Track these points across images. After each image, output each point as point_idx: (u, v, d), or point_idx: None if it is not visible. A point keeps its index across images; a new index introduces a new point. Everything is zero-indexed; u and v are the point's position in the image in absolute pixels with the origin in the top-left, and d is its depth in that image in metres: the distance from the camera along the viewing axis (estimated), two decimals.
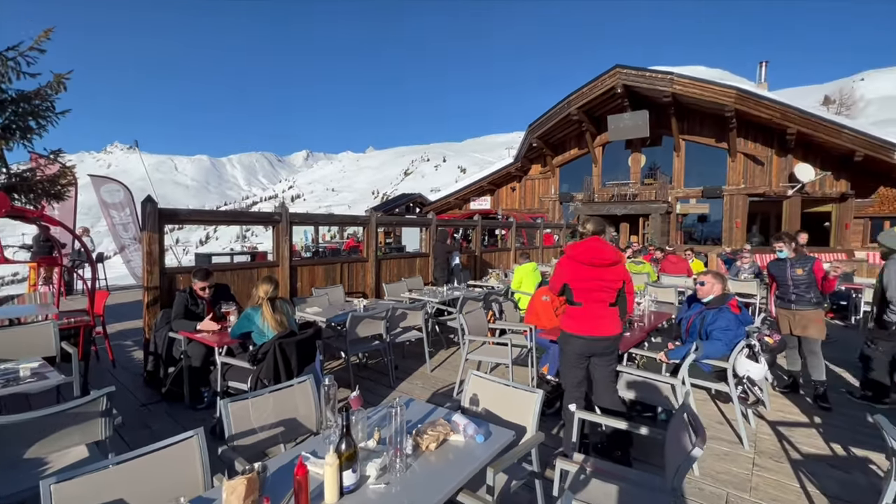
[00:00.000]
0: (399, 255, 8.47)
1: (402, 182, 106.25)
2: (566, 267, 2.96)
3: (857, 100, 52.49)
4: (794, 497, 2.71)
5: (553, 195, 20.91)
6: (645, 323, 4.46)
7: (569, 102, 17.34)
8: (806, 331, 4.16)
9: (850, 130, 13.55)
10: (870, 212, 15.09)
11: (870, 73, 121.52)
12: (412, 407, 2.34)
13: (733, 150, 16.13)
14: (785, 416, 3.88)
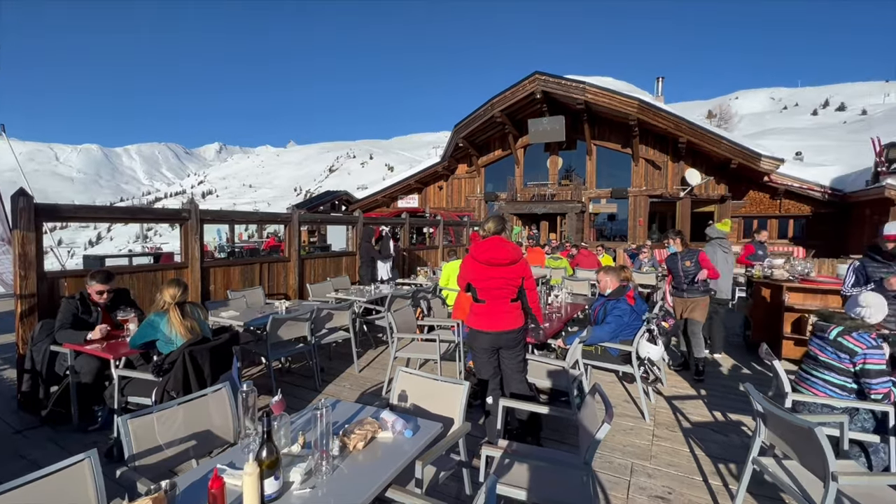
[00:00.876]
0: (324, 255, 8.18)
1: (326, 179, 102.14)
2: (469, 267, 3.06)
3: (733, 115, 60.83)
4: (685, 461, 3.09)
5: (479, 194, 21.52)
6: (562, 314, 4.79)
7: (492, 105, 17.94)
8: (692, 313, 4.75)
9: (728, 141, 15.66)
10: (742, 212, 17.58)
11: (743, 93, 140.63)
12: (339, 408, 2.29)
13: (636, 155, 17.84)
14: (678, 391, 4.40)
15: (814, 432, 1.91)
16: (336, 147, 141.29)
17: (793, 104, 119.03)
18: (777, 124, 71.64)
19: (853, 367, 2.62)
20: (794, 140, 34.84)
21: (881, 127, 34.51)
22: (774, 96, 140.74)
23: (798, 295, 5.15)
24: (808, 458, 2.04)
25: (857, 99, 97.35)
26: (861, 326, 2.66)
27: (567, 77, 16.66)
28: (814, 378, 2.81)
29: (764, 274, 5.61)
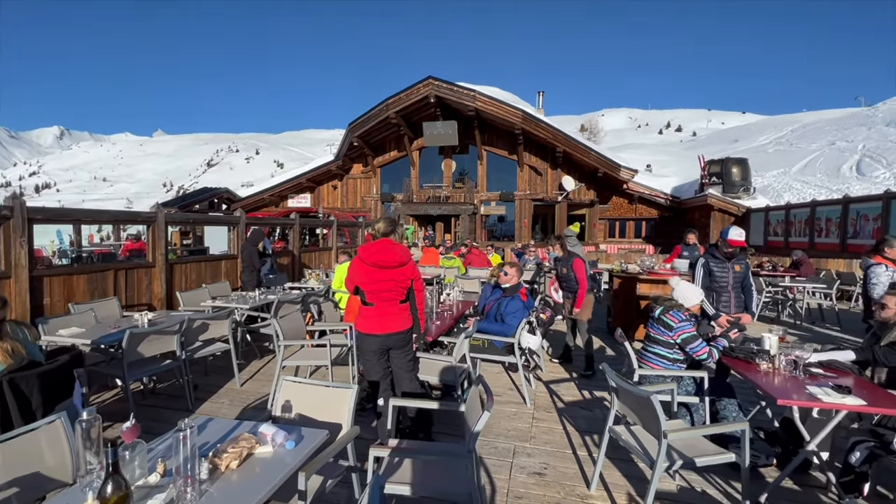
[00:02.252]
0: (199, 259, 7.34)
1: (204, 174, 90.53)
2: (357, 269, 3.03)
3: (600, 130, 69.41)
4: (559, 437, 3.46)
5: (375, 195, 21.30)
6: (453, 311, 5.00)
7: (387, 105, 17.90)
8: (579, 314, 4.95)
9: (596, 153, 17.84)
10: (608, 215, 20.19)
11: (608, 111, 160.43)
12: (211, 427, 2.09)
13: (521, 161, 19.35)
14: (555, 376, 4.90)
15: (650, 400, 2.28)
16: (216, 139, 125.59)
17: (645, 123, 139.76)
18: (633, 140, 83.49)
19: (673, 339, 3.22)
20: (646, 154, 40.96)
21: (706, 147, 42.40)
22: (632, 116, 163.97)
23: (646, 285, 6.10)
24: (647, 422, 2.44)
25: (690, 122, 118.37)
26: (675, 306, 3.30)
27: (459, 84, 17.36)
28: (650, 354, 3.37)
29: (621, 268, 6.52)
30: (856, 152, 24.43)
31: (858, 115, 34.30)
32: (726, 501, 2.65)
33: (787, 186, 21.58)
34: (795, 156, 28.07)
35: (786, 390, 2.62)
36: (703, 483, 2.83)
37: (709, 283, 4.10)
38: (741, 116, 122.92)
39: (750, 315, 4.00)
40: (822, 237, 11.69)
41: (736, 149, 34.28)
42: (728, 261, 4.04)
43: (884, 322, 2.95)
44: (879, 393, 2.61)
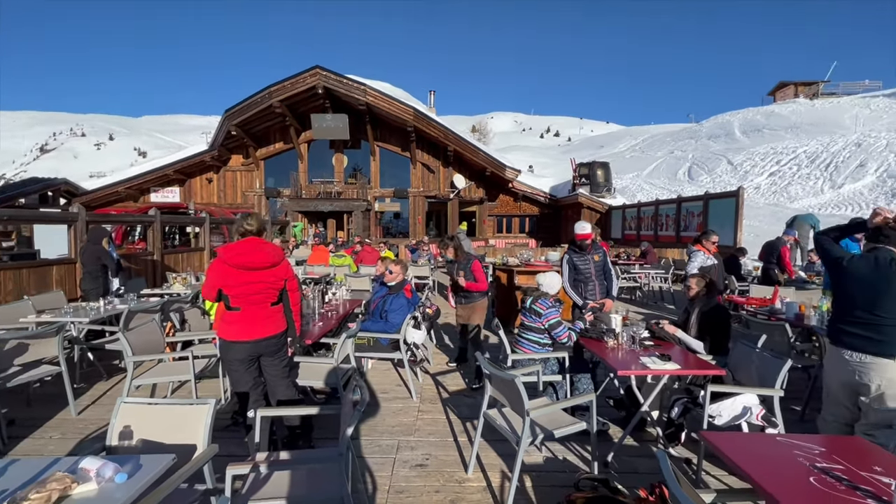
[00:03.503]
0: (18, 265, 6.00)
1: (36, 161, 73.43)
2: (219, 272, 2.73)
3: (489, 131, 73.53)
4: (442, 427, 3.57)
5: (258, 190, 19.69)
6: (339, 311, 4.85)
7: (270, 93, 16.63)
8: (470, 319, 4.79)
9: (484, 153, 18.81)
10: (496, 212, 21.48)
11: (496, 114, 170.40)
12: (13, 470, 1.71)
13: (414, 159, 19.54)
14: (442, 367, 5.04)
15: (514, 382, 2.47)
16: (54, 119, 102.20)
17: (529, 127, 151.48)
18: (519, 142, 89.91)
19: (542, 325, 3.55)
20: (529, 156, 44.40)
21: (578, 151, 47.56)
22: (517, 120, 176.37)
23: (524, 276, 6.61)
24: (514, 403, 2.64)
25: (566, 129, 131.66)
26: (542, 295, 3.65)
27: (349, 77, 16.86)
28: (524, 340, 3.66)
29: (503, 262, 6.99)
30: (687, 160, 29.58)
31: (689, 130, 41.59)
32: (582, 464, 3.00)
33: (639, 188, 25.24)
34: (645, 162, 32.99)
35: (625, 362, 3.05)
36: (565, 451, 3.17)
37: (575, 275, 4.52)
38: (606, 125, 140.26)
39: (611, 299, 4.55)
40: (664, 230, 13.95)
41: (601, 154, 39.03)
42: (587, 253, 4.52)
43: (691, 299, 3.62)
44: (691, 358, 3.19)
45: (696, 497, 1.53)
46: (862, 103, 31.75)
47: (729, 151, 28.35)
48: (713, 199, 11.72)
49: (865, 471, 1.66)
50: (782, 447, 1.83)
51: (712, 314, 3.48)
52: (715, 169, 26.23)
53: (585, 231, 4.41)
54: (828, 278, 4.60)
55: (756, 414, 2.74)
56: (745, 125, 33.86)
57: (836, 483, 1.58)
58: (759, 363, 3.08)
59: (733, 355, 3.35)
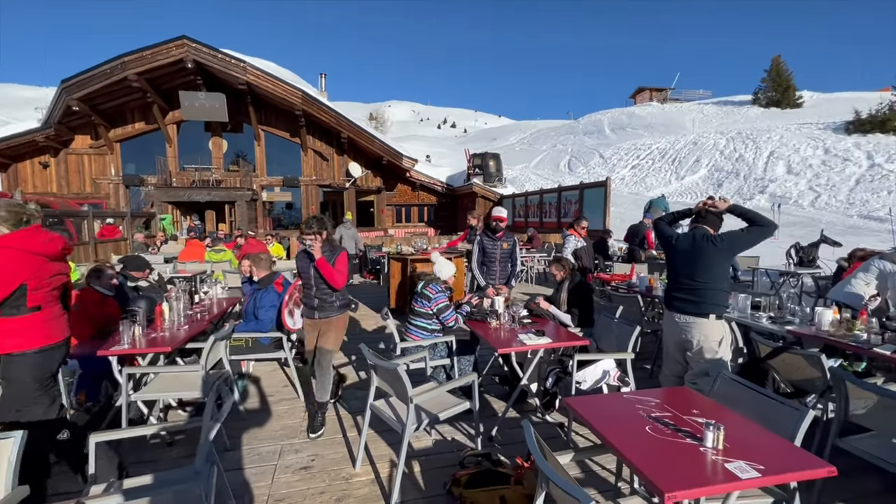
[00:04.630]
0: None
1: None
2: (21, 264, 2.19)
3: (387, 120, 72.52)
4: (331, 424, 3.42)
5: (114, 176, 16.84)
6: (215, 310, 4.36)
7: (124, 63, 14.20)
8: (323, 339, 3.31)
9: (379, 141, 18.45)
10: (394, 201, 21.32)
11: (394, 102, 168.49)
12: None
13: (305, 145, 18.41)
14: (335, 361, 4.83)
15: (397, 371, 2.45)
16: None
17: (426, 118, 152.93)
18: (417, 132, 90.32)
19: (431, 309, 3.60)
20: (426, 146, 44.85)
21: (474, 142, 49.40)
22: (415, 109, 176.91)
23: (420, 265, 6.65)
24: (399, 392, 2.62)
25: (462, 120, 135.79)
26: (433, 280, 3.70)
27: (225, 51, 15.13)
28: (413, 326, 3.67)
29: (397, 251, 6.94)
30: (567, 153, 32.62)
31: (568, 126, 45.83)
32: (470, 442, 3.12)
33: (527, 178, 27.14)
34: (533, 154, 35.56)
35: (506, 341, 3.23)
36: (454, 431, 3.26)
37: (482, 257, 4.79)
38: (499, 119, 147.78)
39: (508, 287, 4.80)
40: (548, 217, 15.20)
41: (494, 146, 41.06)
42: (498, 239, 4.75)
43: (559, 282, 3.99)
44: (562, 332, 3.50)
45: (554, 460, 1.66)
46: (697, 109, 38.06)
47: (600, 146, 31.89)
48: (587, 189, 13.06)
49: (687, 415, 1.96)
50: (627, 403, 2.08)
51: (578, 291, 3.86)
52: (589, 161, 29.32)
53: (501, 214, 4.75)
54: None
55: (613, 376, 3.10)
56: (613, 123, 38.36)
57: (664, 429, 1.84)
58: (617, 331, 3.50)
59: (597, 326, 3.76)
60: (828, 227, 12.21)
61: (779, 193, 18.41)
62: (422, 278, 3.85)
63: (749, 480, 1.52)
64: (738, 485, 1.52)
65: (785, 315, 3.60)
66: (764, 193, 18.87)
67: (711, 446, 1.68)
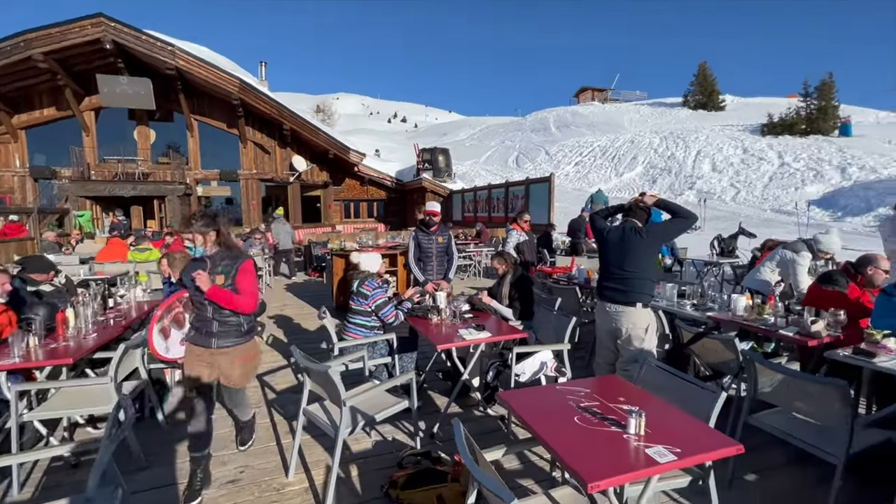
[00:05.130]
0: None
1: None
2: None
3: (335, 112, 70.42)
4: (265, 432, 3.23)
5: (19, 168, 15.04)
6: (133, 314, 3.98)
7: (28, 41, 12.68)
8: (227, 378, 2.55)
9: (325, 134, 17.85)
10: (342, 196, 20.77)
11: (342, 95, 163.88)
12: None
13: (244, 137, 17.41)
14: (272, 364, 4.59)
15: (328, 373, 2.33)
16: None
17: (376, 111, 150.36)
18: (366, 126, 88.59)
19: (370, 306, 3.50)
20: (376, 140, 44.11)
21: (424, 137, 49.20)
22: (364, 103, 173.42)
23: None
24: (332, 394, 2.50)
25: (413, 115, 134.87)
26: (369, 277, 3.59)
27: (149, 33, 13.93)
28: (352, 325, 3.55)
29: (340, 247, 6.72)
30: (515, 150, 33.33)
31: (516, 123, 46.84)
32: (410, 440, 3.06)
33: (477, 173, 27.42)
34: (482, 150, 35.99)
35: (447, 336, 3.20)
36: (394, 431, 3.19)
37: (419, 253, 4.71)
38: (449, 115, 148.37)
39: (447, 281, 4.76)
40: (496, 212, 15.45)
41: (445, 141, 41.09)
42: (433, 233, 4.69)
43: (501, 276, 4.02)
44: (503, 326, 3.52)
45: (482, 457, 1.64)
46: (634, 109, 40.26)
47: (546, 143, 32.87)
48: (533, 184, 13.40)
49: (614, 402, 2.02)
50: (558, 395, 2.11)
51: (519, 284, 3.91)
52: (536, 158, 30.14)
53: (435, 208, 4.67)
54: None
55: (550, 367, 3.16)
56: (558, 121, 39.66)
57: (592, 418, 1.88)
58: (555, 322, 3.57)
59: (537, 318, 3.82)
60: (745, 220, 13.36)
61: (705, 189, 19.90)
62: (356, 276, 3.73)
63: (667, 464, 1.58)
64: (657, 469, 1.57)
65: (706, 302, 3.85)
66: (693, 189, 20.32)
67: (634, 433, 1.72)
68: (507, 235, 5.74)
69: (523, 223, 5.99)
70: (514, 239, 5.54)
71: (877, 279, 3.15)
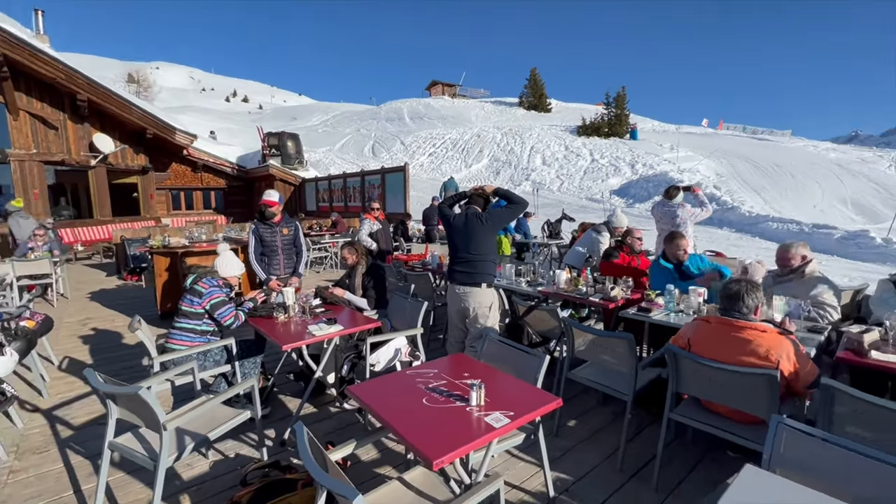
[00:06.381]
0: None
1: None
2: None
3: (153, 84, 59.29)
4: (55, 480, 2.56)
5: None
6: None
7: None
8: None
9: (139, 109, 14.84)
10: (169, 184, 17.69)
11: (164, 65, 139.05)
12: None
13: (14, 105, 13.33)
14: (72, 394, 3.66)
15: (138, 395, 1.94)
16: None
17: (210, 87, 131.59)
18: (197, 103, 76.91)
19: (203, 306, 3.06)
20: (211, 121, 38.70)
21: (271, 121, 44.96)
22: (194, 76, 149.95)
23: (195, 258, 5.62)
24: (148, 419, 2.10)
25: (257, 95, 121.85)
26: (209, 273, 3.14)
27: None
28: (177, 330, 3.05)
29: (163, 243, 5.70)
30: (371, 138, 32.97)
31: (371, 111, 46.32)
32: (256, 452, 2.78)
33: (332, 161, 26.31)
34: (336, 137, 34.64)
35: (295, 334, 2.97)
36: (238, 446, 2.85)
37: (261, 248, 4.23)
38: (298, 98, 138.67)
39: (297, 276, 4.39)
40: (352, 201, 15.06)
41: (295, 126, 38.31)
42: (276, 225, 4.24)
43: (352, 266, 3.94)
44: (357, 317, 3.44)
45: (327, 457, 1.56)
46: (479, 106, 43.61)
47: (401, 133, 33.32)
48: (388, 173, 13.42)
49: (459, 379, 2.14)
50: (407, 379, 2.14)
51: (371, 273, 3.87)
52: (392, 147, 30.34)
53: (272, 198, 4.26)
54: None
55: (405, 352, 3.22)
56: (412, 112, 40.53)
57: (439, 397, 1.96)
58: (409, 308, 3.64)
59: (391, 306, 3.85)
60: (567, 206, 15.73)
61: (538, 181, 22.77)
62: (193, 272, 3.22)
63: (503, 428, 1.73)
64: (494, 434, 1.71)
65: (538, 279, 4.40)
66: (528, 180, 23.04)
67: (475, 404, 1.85)
68: (361, 225, 5.64)
69: (375, 211, 5.96)
70: (367, 228, 5.47)
71: (635, 245, 4.16)
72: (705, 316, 2.51)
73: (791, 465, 1.56)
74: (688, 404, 2.48)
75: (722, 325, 2.26)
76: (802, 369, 2.11)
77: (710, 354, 2.21)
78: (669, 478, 2.49)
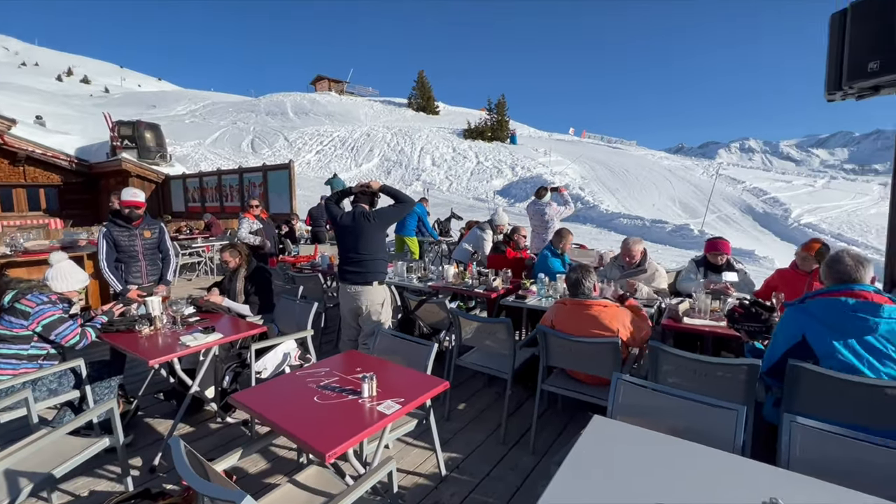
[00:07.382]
0: None
1: None
2: None
3: None
4: None
5: None
6: None
7: None
8: None
9: None
10: None
11: None
12: None
13: None
14: None
15: None
16: None
17: (33, 62, 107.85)
18: (17, 80, 62.57)
19: (31, 329, 2.57)
20: (37, 103, 31.88)
21: (122, 108, 38.46)
22: (10, 47, 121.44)
23: (20, 270, 4.63)
24: None
25: (101, 77, 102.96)
26: (36, 288, 2.65)
27: None
28: None
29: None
30: (250, 133, 30.35)
31: (249, 103, 42.59)
32: (118, 485, 2.44)
33: (203, 157, 23.60)
34: (208, 129, 31.11)
35: (164, 348, 2.67)
36: (93, 481, 2.48)
37: (116, 254, 3.65)
38: (158, 83, 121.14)
39: (164, 285, 3.89)
40: (229, 201, 13.71)
41: (155, 115, 33.45)
42: (136, 227, 3.71)
43: (233, 269, 3.68)
44: (240, 324, 3.21)
45: (211, 469, 1.48)
46: (368, 104, 43.10)
47: (285, 129, 31.30)
48: (271, 171, 12.53)
49: (351, 374, 2.16)
50: (297, 380, 2.10)
51: (255, 277, 3.64)
52: (275, 143, 28.34)
53: (139, 199, 3.72)
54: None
55: (294, 356, 3.11)
56: (296, 107, 38.35)
57: (330, 393, 1.96)
58: (298, 311, 3.51)
59: (278, 310, 3.67)
60: (456, 206, 16.50)
61: (428, 181, 23.37)
62: (12, 287, 2.67)
63: (394, 414, 1.82)
64: (386, 420, 1.79)
65: (429, 274, 4.58)
66: (419, 180, 23.51)
67: (367, 395, 1.91)
68: (240, 224, 5.23)
69: (255, 208, 5.59)
70: (246, 227, 5.11)
71: (520, 242, 4.62)
72: (562, 299, 2.91)
73: (629, 411, 1.93)
74: (556, 375, 2.85)
75: (575, 305, 2.68)
76: (639, 332, 2.62)
77: (570, 330, 2.59)
78: (544, 442, 2.84)
